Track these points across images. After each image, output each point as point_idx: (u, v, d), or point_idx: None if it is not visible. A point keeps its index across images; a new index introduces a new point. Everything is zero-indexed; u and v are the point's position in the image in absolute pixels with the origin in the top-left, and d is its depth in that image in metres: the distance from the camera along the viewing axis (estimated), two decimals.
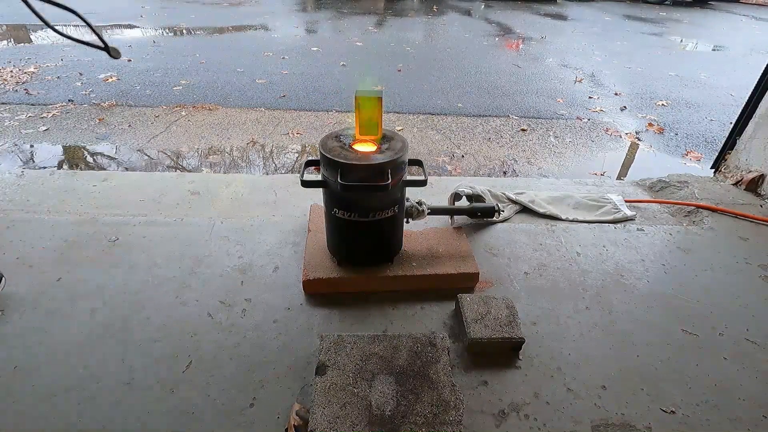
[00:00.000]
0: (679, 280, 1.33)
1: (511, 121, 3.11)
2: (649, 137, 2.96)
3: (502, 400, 0.96)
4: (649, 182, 1.96)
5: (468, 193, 1.50)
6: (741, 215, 1.62)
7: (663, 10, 8.95)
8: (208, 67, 3.99)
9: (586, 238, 1.49)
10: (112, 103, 3.10)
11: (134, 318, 1.11)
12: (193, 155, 2.45)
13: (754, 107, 1.84)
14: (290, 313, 1.15)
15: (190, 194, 1.65)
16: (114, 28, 5.42)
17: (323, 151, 1.05)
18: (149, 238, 1.37)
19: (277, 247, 1.37)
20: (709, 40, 6.35)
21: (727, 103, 3.63)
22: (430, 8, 7.97)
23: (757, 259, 1.43)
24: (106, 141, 2.55)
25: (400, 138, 1.12)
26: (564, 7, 8.69)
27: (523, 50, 5.21)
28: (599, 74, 4.33)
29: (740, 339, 1.14)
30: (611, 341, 1.11)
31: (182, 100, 3.21)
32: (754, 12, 9.35)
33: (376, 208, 1.10)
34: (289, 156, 2.50)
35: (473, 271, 1.23)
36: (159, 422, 0.89)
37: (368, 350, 0.98)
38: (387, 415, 0.85)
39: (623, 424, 0.92)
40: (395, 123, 2.98)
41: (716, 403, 0.98)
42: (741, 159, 1.91)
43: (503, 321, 1.07)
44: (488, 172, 2.39)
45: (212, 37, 5.25)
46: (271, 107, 3.17)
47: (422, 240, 1.34)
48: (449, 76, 4.05)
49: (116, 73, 3.69)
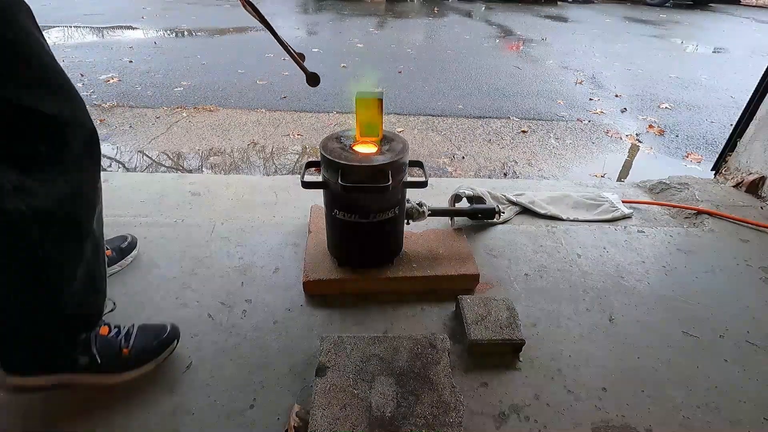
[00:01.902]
0: (680, 281, 1.33)
1: (512, 123, 3.11)
2: (650, 139, 2.96)
3: (503, 401, 0.96)
4: (650, 184, 1.96)
5: (468, 195, 1.50)
6: (741, 221, 1.62)
7: (663, 12, 8.95)
8: (209, 69, 4.00)
9: (587, 239, 1.49)
10: (113, 104, 3.11)
11: (134, 318, 1.10)
12: (194, 156, 2.45)
13: (754, 109, 1.84)
14: (290, 314, 1.15)
15: (191, 195, 1.65)
16: (115, 30, 5.43)
17: (324, 153, 1.05)
18: (150, 239, 1.37)
19: (278, 248, 1.37)
20: (709, 42, 6.36)
21: (728, 105, 3.62)
22: (431, 10, 7.98)
23: (758, 261, 1.43)
24: (107, 142, 2.56)
25: (400, 139, 1.12)
26: (564, 9, 8.70)
27: (523, 52, 5.21)
28: (600, 76, 4.33)
29: (741, 341, 1.14)
30: (612, 343, 1.11)
31: (183, 101, 3.22)
32: (755, 14, 9.35)
33: (376, 209, 1.10)
34: (289, 157, 2.50)
35: (473, 273, 1.23)
36: (159, 423, 0.89)
37: (368, 351, 0.98)
38: (387, 417, 0.85)
39: (624, 425, 0.92)
40: (396, 124, 2.98)
41: (717, 405, 0.98)
42: (741, 161, 1.91)
43: (503, 322, 1.07)
44: (489, 174, 2.39)
45: (213, 39, 5.26)
46: (271, 108, 3.17)
47: (423, 241, 1.34)
48: (450, 78, 4.06)
49: (117, 74, 3.69)
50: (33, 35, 0.66)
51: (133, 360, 0.90)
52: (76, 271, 0.77)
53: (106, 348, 0.87)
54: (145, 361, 0.92)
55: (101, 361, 0.85)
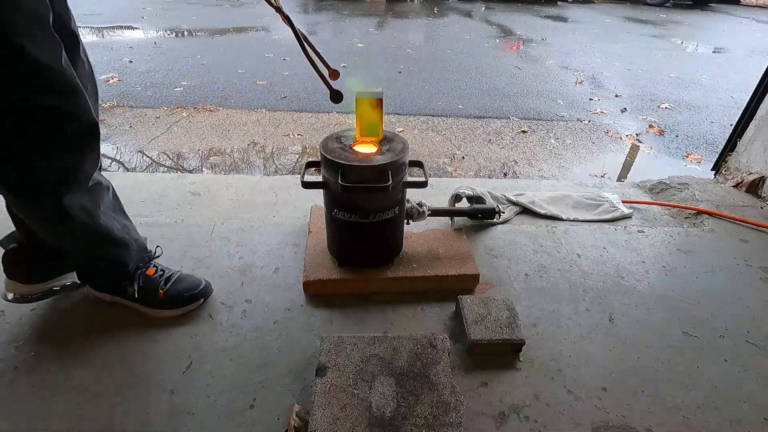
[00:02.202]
0: (680, 281, 1.33)
1: (512, 123, 3.11)
2: (650, 139, 2.96)
3: (503, 401, 0.96)
4: (650, 184, 1.96)
5: (469, 195, 1.50)
6: (741, 221, 1.62)
7: (663, 12, 8.95)
8: (209, 69, 4.00)
9: (587, 239, 1.49)
10: (113, 104, 3.11)
11: (135, 318, 1.11)
12: (194, 156, 2.45)
13: (754, 109, 1.84)
14: (290, 314, 1.15)
15: (191, 195, 1.65)
16: (115, 29, 5.43)
17: (324, 153, 1.05)
18: (150, 239, 1.36)
19: (278, 248, 1.37)
20: (709, 42, 6.36)
21: (728, 105, 3.63)
22: (431, 10, 7.98)
23: (758, 261, 1.43)
24: (106, 142, 2.56)
25: (400, 139, 1.12)
26: (564, 9, 8.70)
27: (523, 52, 5.21)
28: (600, 76, 4.33)
29: (741, 341, 1.14)
30: (612, 343, 1.11)
31: (183, 101, 3.22)
32: (755, 14, 9.36)
33: (376, 209, 1.10)
34: (289, 157, 2.50)
35: (473, 273, 1.23)
36: (159, 423, 0.89)
37: (368, 351, 0.98)
38: (387, 417, 0.85)
39: (624, 426, 0.92)
40: (396, 124, 2.98)
41: (717, 405, 0.98)
42: (741, 161, 1.91)
43: (503, 322, 1.07)
44: (489, 174, 2.40)
45: (213, 39, 5.26)
46: (271, 108, 3.17)
47: (423, 241, 1.34)
48: (450, 78, 4.06)
49: (117, 74, 3.69)
50: (37, 42, 0.73)
51: (166, 301, 1.09)
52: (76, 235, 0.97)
53: (147, 285, 1.09)
54: (174, 305, 1.10)
55: (139, 295, 1.08)
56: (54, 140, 0.82)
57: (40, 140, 0.81)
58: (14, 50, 0.70)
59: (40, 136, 0.80)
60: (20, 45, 0.70)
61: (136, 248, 1.09)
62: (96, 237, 0.99)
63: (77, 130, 0.84)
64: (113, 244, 1.03)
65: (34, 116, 0.78)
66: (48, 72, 0.75)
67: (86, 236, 0.97)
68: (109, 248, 1.03)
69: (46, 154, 0.82)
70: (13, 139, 0.78)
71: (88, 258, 1.05)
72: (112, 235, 1.01)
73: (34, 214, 0.91)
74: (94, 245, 1.01)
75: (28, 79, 0.74)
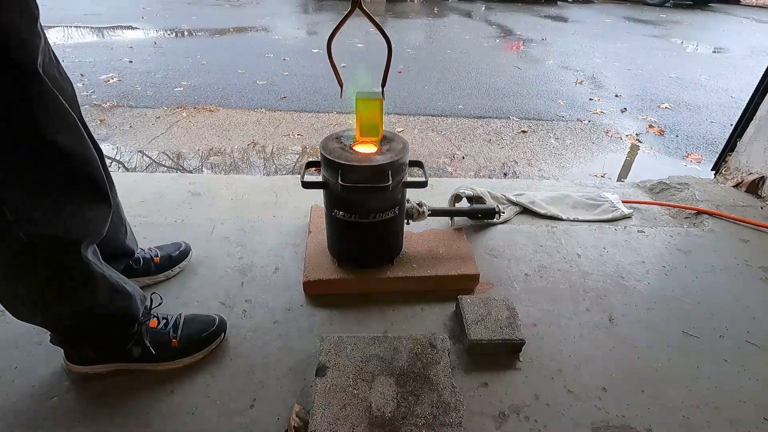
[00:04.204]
0: (680, 281, 1.33)
1: (512, 123, 3.11)
2: (650, 139, 2.96)
3: (503, 401, 0.96)
4: (650, 184, 1.96)
5: (469, 195, 1.50)
6: (741, 221, 1.62)
7: (663, 12, 8.95)
8: (209, 69, 4.00)
9: (587, 239, 1.49)
10: (113, 104, 3.11)
11: None
12: (194, 156, 2.45)
13: (754, 109, 1.84)
14: (290, 314, 1.15)
15: (191, 195, 1.65)
16: (115, 29, 5.43)
17: (324, 153, 1.05)
18: (150, 239, 1.36)
19: (278, 248, 1.37)
20: (709, 42, 6.36)
21: (728, 105, 3.62)
22: (431, 10, 7.98)
23: (758, 261, 1.43)
24: (106, 142, 2.56)
25: (400, 139, 1.12)
26: (564, 9, 8.70)
27: (523, 52, 5.21)
28: (600, 76, 4.33)
29: (741, 341, 1.14)
30: (612, 343, 1.11)
31: (183, 101, 3.22)
32: (755, 14, 9.35)
33: (376, 209, 1.10)
34: (289, 157, 2.50)
35: (473, 273, 1.23)
36: (159, 423, 0.89)
37: (368, 351, 0.98)
38: (387, 417, 0.85)
39: (623, 426, 0.92)
40: (396, 124, 2.98)
41: (717, 405, 0.98)
42: (741, 161, 1.91)
43: (503, 322, 1.07)
44: (489, 174, 2.40)
45: (213, 39, 5.26)
46: (271, 108, 3.17)
47: (423, 241, 1.34)
48: (450, 78, 4.06)
49: (117, 74, 3.69)
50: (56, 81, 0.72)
51: (182, 350, 0.99)
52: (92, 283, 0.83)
53: (155, 339, 0.96)
54: (193, 350, 1.00)
55: (147, 353, 0.94)
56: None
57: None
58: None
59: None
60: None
61: (138, 296, 0.94)
62: (106, 288, 0.85)
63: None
64: (120, 295, 0.89)
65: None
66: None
67: (103, 289, 0.84)
68: (117, 300, 0.89)
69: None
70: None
71: (92, 321, 0.87)
72: (118, 283, 0.89)
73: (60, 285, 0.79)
74: (107, 300, 0.86)
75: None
